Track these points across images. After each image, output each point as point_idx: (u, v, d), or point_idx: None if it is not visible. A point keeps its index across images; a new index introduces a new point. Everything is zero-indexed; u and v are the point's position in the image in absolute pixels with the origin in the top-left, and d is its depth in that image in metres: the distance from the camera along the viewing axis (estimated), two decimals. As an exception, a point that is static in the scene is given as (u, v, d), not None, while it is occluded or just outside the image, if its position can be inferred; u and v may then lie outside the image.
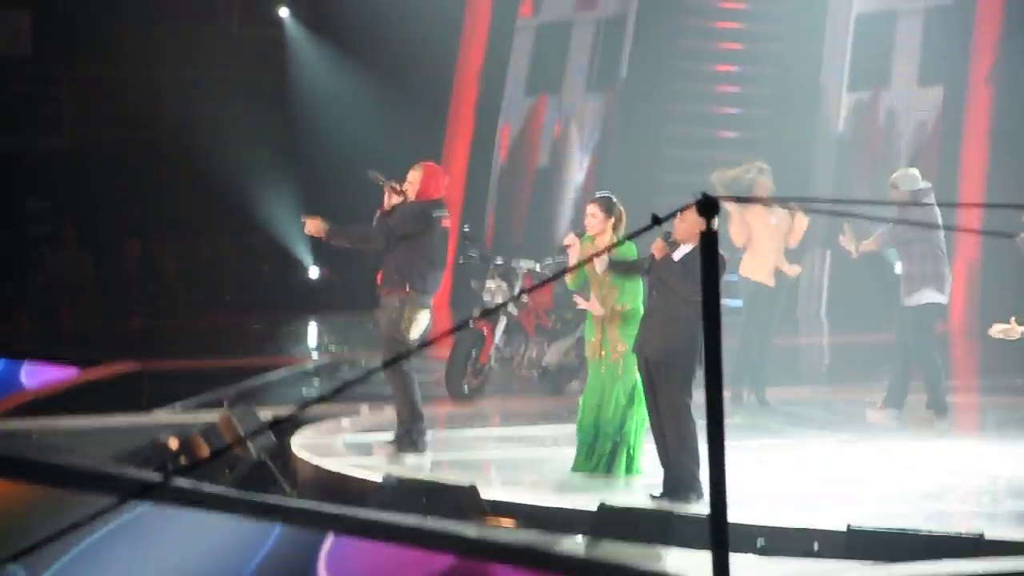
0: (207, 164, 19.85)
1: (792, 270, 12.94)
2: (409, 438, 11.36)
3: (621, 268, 10.11)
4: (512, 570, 8.84)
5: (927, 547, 7.76)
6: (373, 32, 19.69)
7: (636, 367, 10.42)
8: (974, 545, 7.76)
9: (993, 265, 15.77)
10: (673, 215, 4.72)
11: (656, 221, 4.76)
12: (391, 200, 11.26)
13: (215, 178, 20.00)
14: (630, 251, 10.46)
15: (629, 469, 10.61)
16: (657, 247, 9.78)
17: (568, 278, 10.82)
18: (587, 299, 10.65)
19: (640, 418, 10.55)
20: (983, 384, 14.91)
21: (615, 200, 10.76)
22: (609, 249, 10.28)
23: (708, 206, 4.50)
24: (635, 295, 10.54)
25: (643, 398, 10.43)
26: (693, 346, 9.68)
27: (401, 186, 11.28)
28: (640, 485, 10.33)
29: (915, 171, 12.29)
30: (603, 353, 10.57)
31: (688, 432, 9.77)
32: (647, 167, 18.96)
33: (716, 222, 4.65)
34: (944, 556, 7.24)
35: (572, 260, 10.67)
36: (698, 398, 9.71)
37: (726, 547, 4.61)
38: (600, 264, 10.00)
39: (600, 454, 10.62)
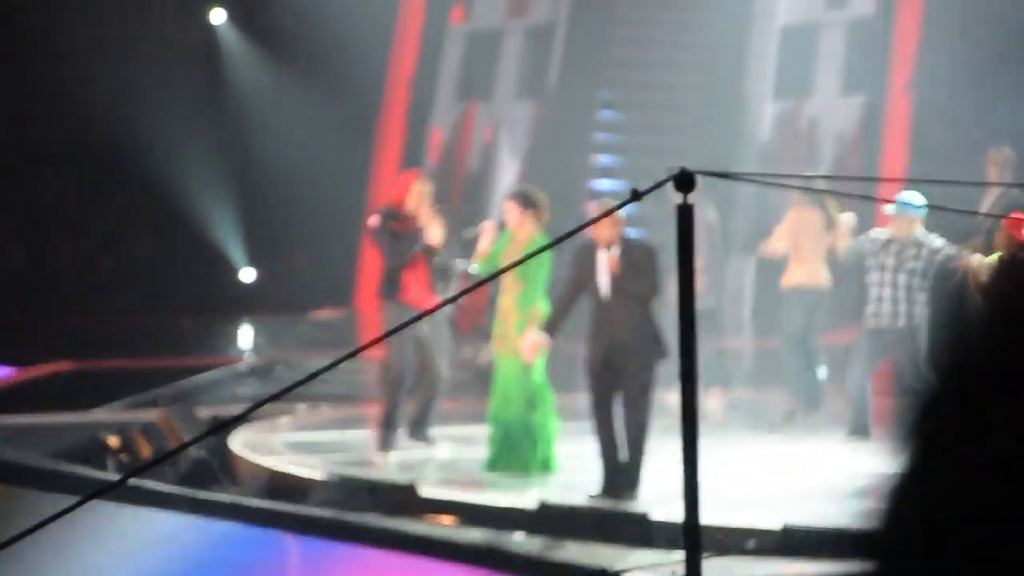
0: (141, 163, 19.88)
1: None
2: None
3: (563, 316, 10.23)
4: (457, 567, 9.08)
5: (863, 545, 8.02)
6: (306, 37, 19.82)
7: (538, 364, 10.61)
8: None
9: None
10: (653, 189, 4.84)
11: (635, 196, 4.89)
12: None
13: (149, 178, 20.04)
14: (542, 242, 10.69)
15: (545, 467, 10.77)
16: (611, 261, 9.96)
17: (480, 260, 11.00)
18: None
19: (550, 416, 10.75)
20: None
21: (530, 192, 11.01)
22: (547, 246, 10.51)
23: (684, 180, 4.59)
24: (535, 290, 10.73)
25: (548, 396, 10.67)
26: (655, 338, 9.90)
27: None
28: (562, 483, 10.50)
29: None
30: (505, 352, 10.78)
31: (645, 430, 9.96)
32: (576, 173, 19.20)
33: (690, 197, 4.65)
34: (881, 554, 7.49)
35: (484, 243, 10.91)
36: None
37: (699, 548, 4.87)
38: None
39: (512, 451, 10.79)
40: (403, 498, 9.97)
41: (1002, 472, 2.02)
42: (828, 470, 11.04)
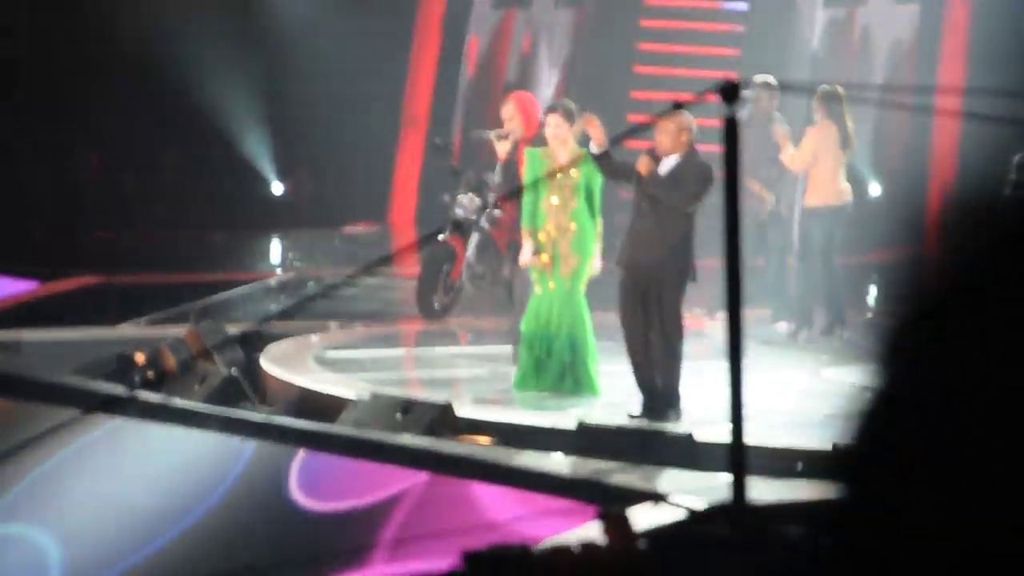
0: (168, 76, 19.52)
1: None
2: None
3: (610, 166, 9.76)
4: (494, 488, 8.74)
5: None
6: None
7: (582, 283, 10.34)
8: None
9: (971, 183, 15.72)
10: (696, 100, 4.44)
11: (677, 106, 4.52)
12: (503, 147, 11.27)
13: (176, 90, 19.68)
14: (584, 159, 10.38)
15: (581, 389, 10.46)
16: (643, 164, 9.59)
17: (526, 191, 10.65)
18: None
19: (591, 337, 10.44)
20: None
21: (572, 106, 10.63)
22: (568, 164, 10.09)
23: (730, 90, 4.16)
24: (595, 205, 10.37)
25: (587, 315, 10.36)
26: (688, 259, 9.56)
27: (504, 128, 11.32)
28: (604, 404, 10.21)
29: None
30: (552, 271, 10.41)
31: (679, 349, 9.64)
32: (617, 83, 18.79)
33: (738, 108, 4.31)
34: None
35: (524, 173, 10.58)
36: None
37: (745, 469, 4.46)
38: (595, 149, 9.72)
39: (551, 372, 10.48)
40: (438, 417, 9.61)
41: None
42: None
